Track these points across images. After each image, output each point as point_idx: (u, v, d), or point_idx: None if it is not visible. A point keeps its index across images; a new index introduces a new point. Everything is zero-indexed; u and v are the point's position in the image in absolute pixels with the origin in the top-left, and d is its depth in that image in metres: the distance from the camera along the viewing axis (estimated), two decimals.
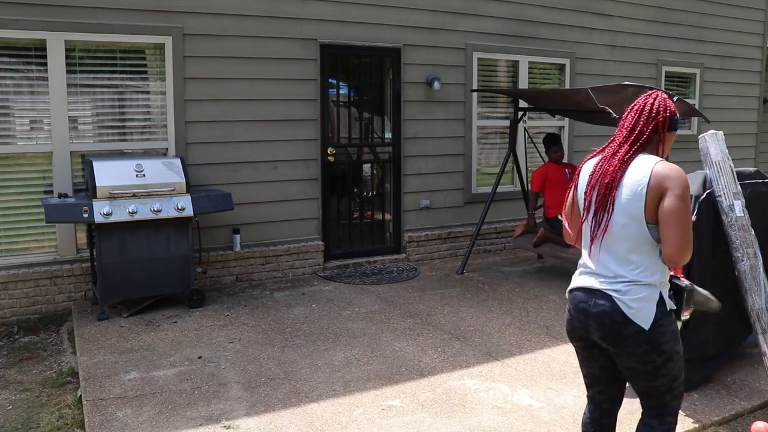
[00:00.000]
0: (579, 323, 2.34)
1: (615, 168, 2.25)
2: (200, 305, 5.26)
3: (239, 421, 3.37)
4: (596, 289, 2.29)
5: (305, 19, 6.19)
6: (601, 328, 2.26)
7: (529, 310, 5.27)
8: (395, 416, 3.44)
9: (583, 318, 2.31)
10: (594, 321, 2.27)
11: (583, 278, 2.36)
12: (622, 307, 2.21)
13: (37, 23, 5.10)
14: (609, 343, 2.27)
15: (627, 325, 2.20)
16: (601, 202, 2.26)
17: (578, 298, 2.35)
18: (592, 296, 2.29)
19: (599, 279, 2.29)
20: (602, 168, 2.29)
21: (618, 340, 2.24)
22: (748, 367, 4.09)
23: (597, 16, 8.13)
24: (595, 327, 2.28)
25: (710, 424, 3.42)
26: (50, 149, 5.28)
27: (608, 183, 2.25)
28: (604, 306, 2.25)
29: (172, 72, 5.63)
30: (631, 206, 2.21)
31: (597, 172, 2.31)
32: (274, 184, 6.19)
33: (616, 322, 2.22)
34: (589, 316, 2.29)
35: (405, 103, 6.82)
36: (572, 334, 2.42)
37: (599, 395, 2.51)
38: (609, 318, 2.23)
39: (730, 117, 9.77)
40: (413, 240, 6.96)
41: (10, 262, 5.21)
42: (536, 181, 6.26)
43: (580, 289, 2.36)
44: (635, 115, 2.30)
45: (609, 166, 2.27)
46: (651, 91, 2.39)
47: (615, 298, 2.23)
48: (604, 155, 2.33)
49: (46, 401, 3.82)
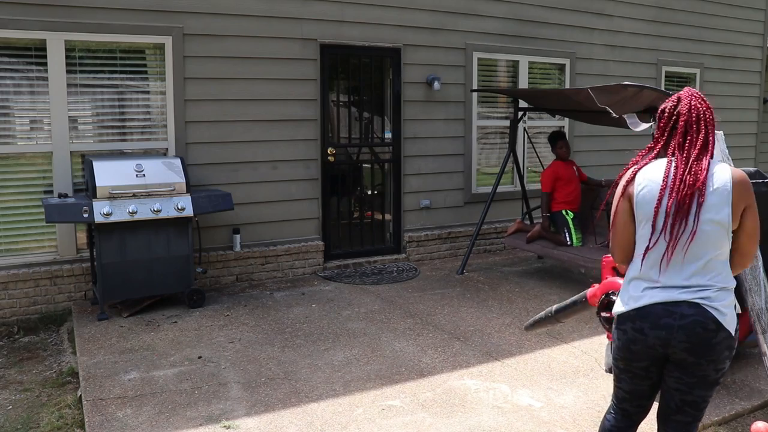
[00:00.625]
0: (658, 341, 2.21)
1: (704, 174, 2.17)
2: (200, 305, 5.26)
3: (239, 421, 3.37)
4: (680, 301, 2.19)
5: (305, 19, 6.19)
6: (691, 339, 2.17)
7: (529, 310, 5.27)
8: (395, 416, 3.44)
9: (664, 335, 2.19)
10: (682, 333, 2.17)
11: (654, 293, 2.24)
12: (715, 314, 2.16)
13: (37, 23, 5.10)
14: (695, 354, 2.18)
15: (718, 333, 2.16)
16: (687, 209, 2.17)
17: (655, 314, 2.21)
18: (675, 309, 2.19)
19: (678, 291, 2.20)
20: (683, 174, 2.18)
21: (708, 348, 2.17)
22: (748, 367, 4.08)
23: (597, 16, 8.13)
24: (682, 339, 2.18)
25: (710, 424, 3.42)
26: (50, 149, 5.28)
27: (699, 189, 2.16)
28: (694, 316, 2.17)
29: (172, 72, 5.63)
30: (718, 213, 2.16)
31: (677, 179, 2.19)
32: (274, 184, 6.19)
33: (710, 331, 2.15)
34: (675, 329, 2.18)
35: (405, 103, 6.82)
36: (639, 354, 2.28)
37: (635, 408, 2.45)
38: (701, 327, 2.16)
39: (730, 117, 9.77)
40: (413, 240, 6.96)
41: (10, 262, 5.21)
42: (547, 181, 6.12)
43: (653, 306, 2.22)
44: (694, 120, 2.25)
45: (695, 172, 2.17)
46: (682, 92, 2.34)
47: (705, 305, 2.17)
48: (679, 159, 2.21)
49: (46, 401, 3.82)
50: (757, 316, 3.58)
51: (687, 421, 2.33)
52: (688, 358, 2.19)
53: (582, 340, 4.58)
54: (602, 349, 4.33)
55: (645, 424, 2.80)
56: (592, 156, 8.25)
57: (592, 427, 3.33)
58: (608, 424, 2.52)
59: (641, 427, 2.84)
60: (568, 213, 6.06)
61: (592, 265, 5.55)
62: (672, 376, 2.27)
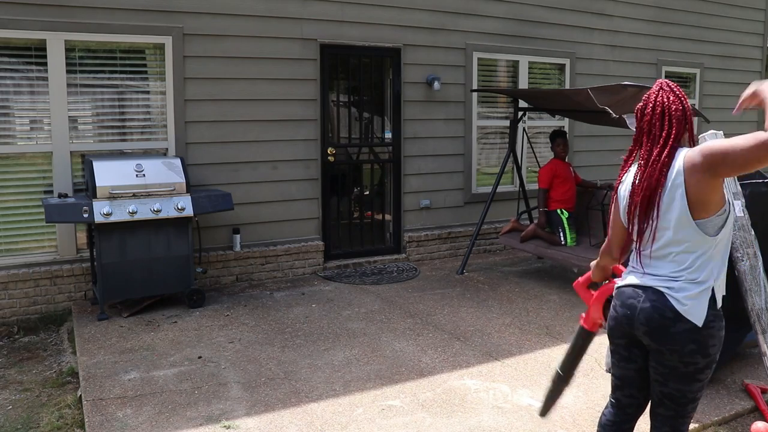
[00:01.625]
0: (624, 318, 2.31)
1: (657, 173, 2.20)
2: (200, 305, 5.26)
3: (239, 421, 3.37)
4: (647, 286, 2.27)
5: (305, 19, 6.19)
6: (650, 324, 2.23)
7: (529, 310, 5.27)
8: (395, 416, 3.44)
9: (629, 314, 2.29)
10: (642, 316, 2.25)
11: (632, 277, 2.35)
12: (674, 303, 2.19)
13: (37, 23, 5.10)
14: (655, 339, 2.24)
15: (677, 322, 2.18)
16: (646, 208, 2.24)
17: (626, 294, 2.34)
18: (642, 292, 2.28)
19: (650, 278, 2.28)
20: (642, 174, 2.25)
21: (666, 336, 2.21)
22: (748, 367, 4.09)
23: (597, 16, 8.13)
24: (642, 322, 2.25)
25: (710, 424, 3.42)
26: (50, 149, 5.28)
27: (653, 189, 2.21)
28: (654, 302, 2.23)
29: (172, 72, 5.63)
30: (675, 210, 2.18)
31: (637, 179, 2.27)
32: (274, 184, 6.19)
33: (666, 318, 2.20)
34: (636, 310, 2.27)
35: (405, 103, 6.82)
36: (614, 330, 2.40)
37: (627, 399, 2.48)
38: (659, 313, 2.21)
39: (730, 117, 9.77)
40: (413, 240, 6.96)
41: (10, 262, 5.21)
42: (545, 177, 6.12)
43: (627, 286, 2.35)
44: (658, 116, 2.25)
45: (649, 173, 2.22)
46: (653, 87, 2.33)
47: (667, 294, 2.21)
48: (642, 159, 2.27)
49: (46, 401, 3.82)
50: (757, 316, 3.58)
51: (669, 415, 2.35)
52: (651, 344, 2.28)
53: None
54: (602, 349, 4.33)
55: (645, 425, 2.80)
56: (591, 156, 8.26)
57: (592, 427, 3.33)
58: (604, 418, 2.56)
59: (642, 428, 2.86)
60: (563, 212, 6.06)
61: (585, 264, 5.55)
62: (651, 366, 2.35)
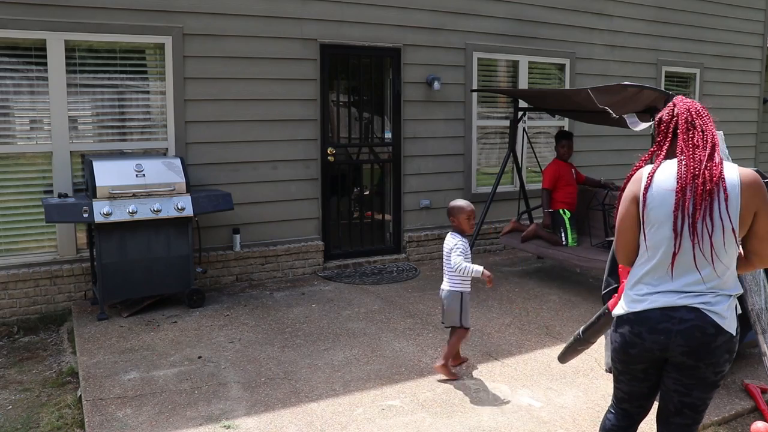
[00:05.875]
0: (656, 345, 2.20)
1: (719, 168, 2.09)
2: (200, 305, 5.26)
3: (239, 421, 3.37)
4: (680, 306, 2.17)
5: (305, 19, 6.19)
6: (690, 343, 2.15)
7: (529, 310, 5.27)
8: (395, 416, 3.44)
9: (662, 339, 2.18)
10: (681, 338, 2.16)
11: (654, 298, 2.22)
12: (714, 317, 2.14)
13: (37, 23, 5.10)
14: (694, 357, 2.16)
15: (718, 336, 2.14)
16: (709, 207, 2.11)
17: (654, 319, 2.20)
18: (674, 314, 2.17)
19: (678, 296, 2.19)
20: (696, 172, 2.12)
21: (708, 352, 2.15)
22: (748, 367, 4.08)
23: (597, 16, 8.13)
24: (681, 344, 2.16)
25: (710, 424, 3.42)
26: (50, 149, 5.28)
27: (716, 185, 2.10)
28: (693, 321, 2.15)
29: (172, 72, 5.63)
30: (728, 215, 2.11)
31: (689, 177, 2.12)
32: (274, 184, 6.19)
33: (708, 335, 2.14)
34: (673, 334, 2.16)
35: (405, 103, 6.82)
36: (636, 358, 2.27)
37: (636, 408, 2.46)
38: (700, 331, 2.14)
39: (730, 117, 9.77)
40: (413, 240, 6.96)
41: (10, 262, 5.21)
42: (549, 178, 6.09)
43: (652, 311, 2.21)
44: (694, 117, 2.21)
45: (710, 168, 2.10)
46: (676, 99, 2.31)
47: (704, 310, 2.15)
48: (689, 158, 2.14)
49: (46, 401, 3.82)
50: (757, 316, 3.58)
51: (686, 423, 2.32)
52: (687, 361, 2.19)
53: None
54: (602, 349, 4.33)
55: (645, 425, 2.80)
56: (592, 156, 8.26)
57: (592, 427, 3.33)
58: (608, 423, 2.52)
59: (642, 428, 2.86)
60: (566, 212, 6.06)
61: (586, 264, 5.55)
62: (670, 377, 2.27)
